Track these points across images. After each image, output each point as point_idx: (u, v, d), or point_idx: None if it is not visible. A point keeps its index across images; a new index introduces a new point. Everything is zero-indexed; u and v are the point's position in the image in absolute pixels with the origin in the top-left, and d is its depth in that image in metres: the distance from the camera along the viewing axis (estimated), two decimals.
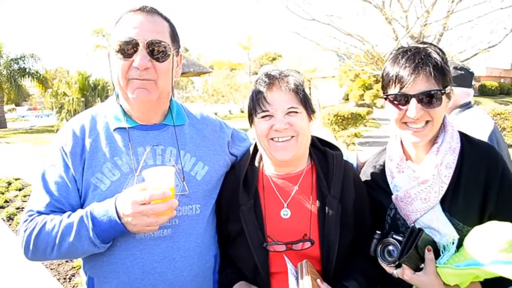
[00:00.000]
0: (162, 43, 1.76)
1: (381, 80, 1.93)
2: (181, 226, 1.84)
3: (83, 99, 29.06)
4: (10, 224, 7.82)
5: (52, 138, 1.89)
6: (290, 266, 1.76)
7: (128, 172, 1.78)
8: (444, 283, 1.66)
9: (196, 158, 1.94)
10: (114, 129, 1.86)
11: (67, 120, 28.59)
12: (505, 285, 1.60)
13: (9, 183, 10.98)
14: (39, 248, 1.72)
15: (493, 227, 1.66)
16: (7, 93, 32.85)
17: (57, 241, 1.68)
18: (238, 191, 1.92)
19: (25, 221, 1.77)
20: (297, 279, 1.71)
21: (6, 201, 9.34)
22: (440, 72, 1.73)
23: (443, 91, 1.73)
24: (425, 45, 1.82)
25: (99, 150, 1.82)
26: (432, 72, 1.71)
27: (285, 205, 1.91)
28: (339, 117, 17.56)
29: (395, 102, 1.80)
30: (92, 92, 30.41)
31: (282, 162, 1.88)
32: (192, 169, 1.92)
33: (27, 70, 32.39)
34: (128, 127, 1.86)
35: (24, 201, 9.21)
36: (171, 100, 2.00)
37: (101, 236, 1.64)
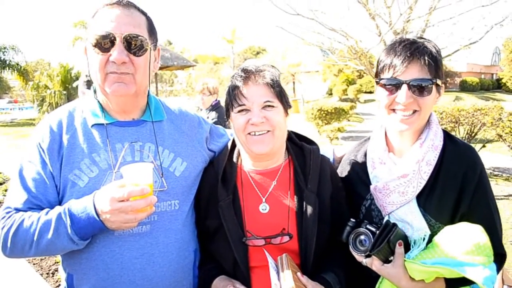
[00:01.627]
0: (139, 37, 1.74)
1: (375, 66, 1.96)
2: (159, 222, 1.83)
3: (65, 92, 28.66)
4: None
5: (33, 132, 1.86)
6: (270, 260, 1.78)
7: (106, 168, 1.77)
8: (410, 277, 1.71)
9: (174, 154, 1.94)
10: (92, 125, 1.84)
11: (48, 113, 28.28)
12: (468, 282, 1.65)
13: None
14: (17, 245, 1.70)
15: (463, 229, 1.72)
16: None
17: (35, 239, 1.66)
18: (216, 187, 1.93)
19: (2, 218, 1.74)
20: (278, 272, 1.73)
21: None
22: (434, 63, 1.77)
23: (434, 81, 1.77)
24: (422, 39, 1.85)
25: (77, 146, 1.80)
26: (426, 61, 1.75)
27: (264, 200, 1.92)
28: (322, 112, 17.63)
29: (387, 87, 1.83)
30: (74, 85, 30.03)
31: (259, 155, 1.90)
32: (170, 165, 1.91)
33: (7, 62, 31.79)
34: (106, 123, 1.84)
35: (4, 195, 9.07)
36: (149, 95, 1.99)
37: (79, 233, 1.63)
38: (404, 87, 1.77)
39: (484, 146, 10.24)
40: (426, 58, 1.75)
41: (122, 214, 1.55)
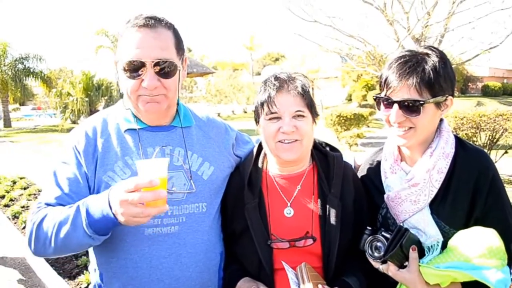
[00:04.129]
0: (168, 61, 1.80)
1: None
2: (187, 224, 1.91)
3: (87, 99, 29.25)
4: (15, 223, 7.92)
5: (56, 138, 1.95)
6: (290, 274, 1.82)
7: None
8: (426, 282, 1.74)
9: (202, 159, 2.02)
10: (125, 130, 1.94)
11: (71, 120, 28.79)
12: (485, 287, 1.65)
13: (14, 182, 11.07)
14: (40, 239, 1.74)
15: (476, 233, 1.73)
16: (13, 92, 33.01)
17: (55, 231, 1.69)
18: (243, 191, 2.00)
19: (32, 213, 1.81)
20: (298, 285, 1.77)
21: (11, 200, 9.43)
22: (427, 83, 1.77)
23: (422, 102, 1.77)
24: (426, 51, 1.86)
25: (111, 150, 1.89)
26: (415, 82, 1.77)
27: (289, 204, 1.99)
28: (341, 118, 17.61)
29: (383, 104, 1.89)
30: (96, 92, 30.60)
31: (287, 161, 1.96)
32: (199, 169, 1.99)
33: (31, 70, 32.56)
34: (138, 128, 1.93)
35: (29, 200, 9.29)
36: (178, 103, 2.07)
37: (93, 226, 1.63)
38: (395, 106, 1.81)
39: (506, 152, 10.11)
40: (416, 79, 1.76)
41: (130, 206, 1.51)
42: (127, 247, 1.86)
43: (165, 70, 1.79)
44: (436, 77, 1.79)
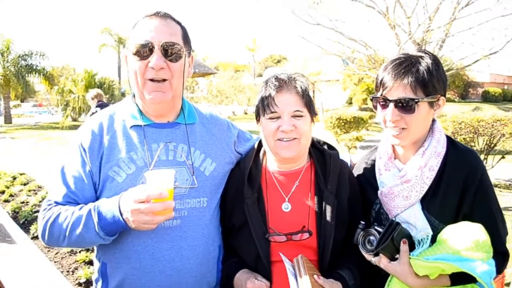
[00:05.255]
0: (176, 45, 1.91)
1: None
2: (189, 217, 1.98)
3: None
4: (15, 218, 7.98)
5: (57, 135, 2.06)
6: (288, 265, 1.89)
7: (142, 166, 1.93)
8: (416, 273, 1.82)
9: (205, 155, 2.09)
10: (131, 127, 2.01)
11: (72, 118, 28.88)
12: (472, 278, 1.74)
13: (14, 178, 11.11)
14: (53, 235, 1.89)
15: (464, 227, 1.82)
16: (15, 89, 33.05)
17: (68, 231, 1.84)
18: (243, 186, 2.07)
19: (44, 210, 1.94)
20: (295, 276, 1.84)
21: (11, 195, 9.48)
22: (421, 82, 1.87)
23: (416, 100, 1.87)
24: (420, 54, 1.96)
25: (116, 146, 1.98)
26: (411, 81, 1.87)
27: (286, 199, 2.06)
28: (341, 121, 17.68)
29: (379, 104, 1.99)
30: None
31: (286, 159, 2.03)
32: (201, 165, 2.07)
33: (34, 67, 32.58)
34: (144, 125, 2.01)
35: (28, 195, 9.35)
36: (183, 100, 2.15)
37: (105, 229, 1.78)
38: (391, 105, 1.91)
39: (503, 157, 10.17)
40: (411, 78, 1.86)
41: (141, 215, 1.67)
42: (130, 239, 1.94)
43: (171, 53, 1.90)
44: (429, 78, 1.88)
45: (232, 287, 2.02)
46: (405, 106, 1.89)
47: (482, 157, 9.75)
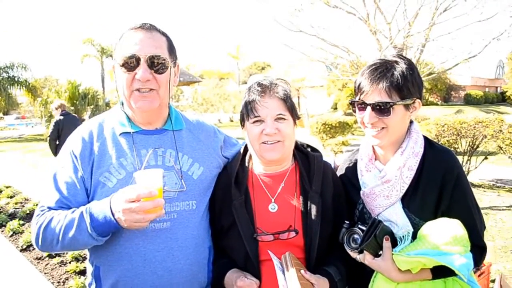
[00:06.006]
0: (161, 57, 1.98)
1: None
2: (178, 220, 2.04)
3: (72, 108, 29.03)
4: (2, 231, 7.92)
5: (41, 147, 2.12)
6: (276, 261, 1.96)
7: (132, 171, 1.98)
8: (399, 268, 1.91)
9: (192, 160, 2.16)
10: (120, 134, 2.07)
11: None
12: (452, 272, 1.83)
13: (0, 191, 11.05)
14: (47, 240, 1.93)
15: (442, 223, 1.92)
16: None
17: (61, 234, 1.87)
18: (230, 188, 2.14)
19: (37, 216, 1.98)
20: (283, 272, 1.92)
21: None
22: (395, 86, 1.96)
23: (391, 104, 1.96)
24: (395, 59, 2.05)
25: (107, 152, 2.03)
26: (385, 86, 1.96)
27: (273, 200, 2.13)
28: (327, 126, 17.84)
29: (357, 107, 2.08)
30: (82, 101, 30.39)
31: (271, 161, 2.11)
32: (189, 169, 2.13)
33: (16, 79, 32.20)
34: (132, 132, 2.08)
35: (16, 208, 9.29)
36: (170, 107, 2.22)
37: (97, 230, 1.82)
38: (368, 109, 2.00)
39: (486, 158, 10.38)
40: (385, 82, 1.95)
41: (132, 214, 1.71)
42: (122, 241, 1.99)
43: (157, 66, 1.97)
44: (404, 82, 1.97)
45: (223, 287, 2.09)
46: (382, 109, 1.97)
47: (465, 158, 9.94)
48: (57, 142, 10.50)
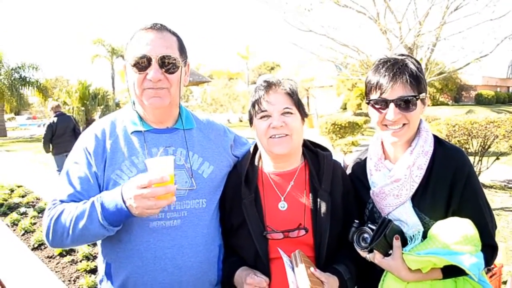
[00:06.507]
0: (172, 57, 2.00)
1: (364, 87, 2.16)
2: (189, 218, 2.07)
3: (83, 108, 29.33)
4: (14, 230, 8.01)
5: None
6: (285, 259, 1.97)
7: (143, 169, 1.99)
8: (409, 268, 1.89)
9: (203, 159, 2.18)
10: (132, 132, 2.10)
11: None
12: (463, 272, 1.82)
13: (12, 190, 11.17)
14: (57, 232, 1.92)
15: (453, 222, 1.90)
16: (9, 102, 32.97)
17: (72, 224, 1.87)
18: (240, 187, 2.15)
19: (49, 209, 1.99)
20: (293, 269, 1.92)
21: (9, 208, 9.53)
22: (416, 80, 1.96)
23: (417, 97, 1.97)
24: (403, 57, 2.05)
25: (119, 150, 2.06)
26: (408, 79, 1.95)
27: (282, 198, 2.14)
28: (336, 126, 17.77)
29: (376, 106, 2.05)
30: (92, 101, 30.68)
31: (279, 156, 2.11)
32: (199, 168, 2.15)
33: (27, 79, 32.55)
34: (144, 131, 2.10)
35: (27, 207, 9.40)
36: (180, 107, 2.24)
37: (108, 218, 1.81)
38: (392, 105, 1.98)
39: (497, 158, 10.27)
40: (407, 76, 1.95)
41: (144, 200, 1.70)
42: (133, 238, 2.01)
43: (168, 66, 1.99)
44: (420, 76, 1.99)
45: (233, 285, 2.10)
46: (407, 103, 1.97)
47: (476, 159, 9.84)
48: (50, 143, 10.86)
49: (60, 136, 10.89)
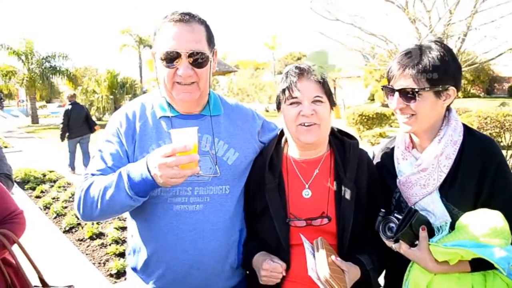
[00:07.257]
0: (201, 52, 2.01)
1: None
2: (211, 203, 2.11)
3: (111, 96, 29.89)
4: (46, 213, 8.29)
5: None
6: (307, 245, 1.98)
7: None
8: (435, 259, 1.87)
9: (228, 145, 2.20)
10: (160, 117, 2.15)
11: (96, 117, 29.47)
12: (492, 266, 1.77)
13: (44, 175, 11.56)
14: (87, 202, 1.99)
15: (482, 214, 1.85)
16: (40, 90, 33.82)
17: (100, 194, 1.93)
18: (264, 172, 2.17)
19: (81, 182, 2.07)
20: (313, 255, 1.94)
21: (42, 192, 9.87)
22: (423, 72, 1.92)
23: (417, 90, 1.93)
24: (430, 44, 2.01)
25: (147, 133, 2.12)
26: (412, 72, 1.93)
27: (307, 186, 2.14)
28: (364, 117, 17.61)
29: (387, 93, 2.07)
30: (120, 90, 31.24)
31: (306, 144, 2.11)
32: (224, 155, 2.18)
33: (57, 68, 33.30)
34: (171, 116, 2.15)
35: (58, 192, 9.70)
36: (210, 93, 2.26)
37: (134, 188, 1.85)
38: (396, 94, 1.98)
39: None
40: (412, 69, 1.92)
41: (168, 169, 1.73)
42: (157, 220, 2.09)
43: (198, 61, 2.01)
44: (433, 68, 1.92)
45: (252, 268, 2.14)
46: (407, 95, 1.95)
47: (509, 152, 9.56)
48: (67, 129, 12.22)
49: (74, 122, 12.10)
